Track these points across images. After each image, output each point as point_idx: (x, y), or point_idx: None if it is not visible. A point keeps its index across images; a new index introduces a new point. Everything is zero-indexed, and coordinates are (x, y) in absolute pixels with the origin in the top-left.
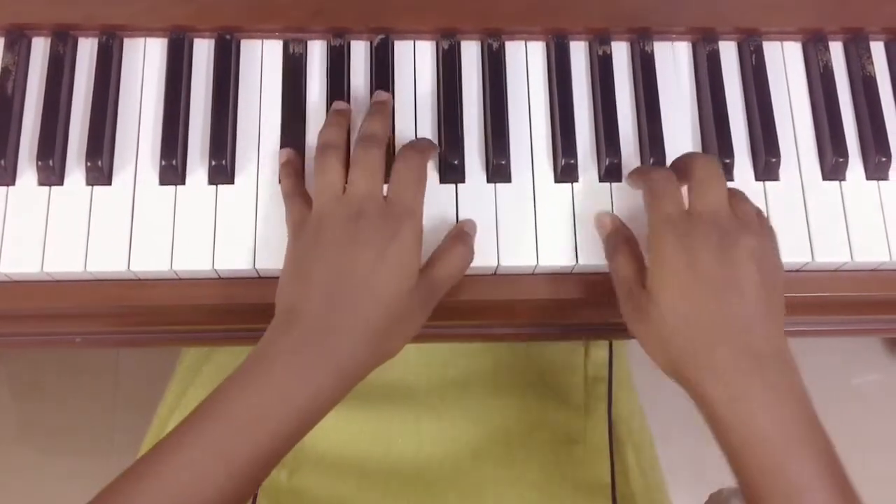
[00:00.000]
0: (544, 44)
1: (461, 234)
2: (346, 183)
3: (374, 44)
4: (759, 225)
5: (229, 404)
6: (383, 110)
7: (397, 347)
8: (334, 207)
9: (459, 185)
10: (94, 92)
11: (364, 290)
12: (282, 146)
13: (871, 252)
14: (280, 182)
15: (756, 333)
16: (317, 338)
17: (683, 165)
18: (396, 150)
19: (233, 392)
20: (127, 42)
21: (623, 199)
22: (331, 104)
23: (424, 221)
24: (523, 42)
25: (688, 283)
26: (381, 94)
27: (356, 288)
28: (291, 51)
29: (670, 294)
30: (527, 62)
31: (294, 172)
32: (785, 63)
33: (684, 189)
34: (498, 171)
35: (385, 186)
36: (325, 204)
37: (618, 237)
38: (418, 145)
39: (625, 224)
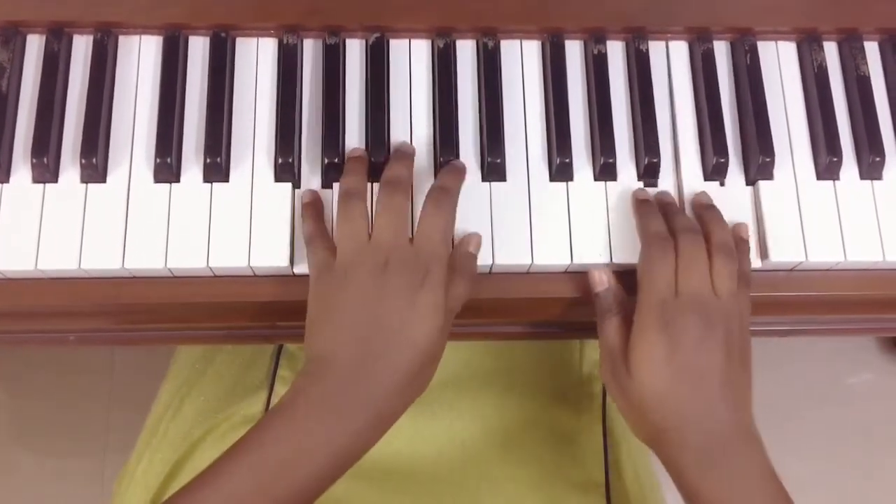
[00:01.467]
0: (539, 43)
1: (469, 257)
2: (372, 228)
3: (370, 42)
4: (735, 308)
5: (267, 446)
6: (407, 155)
7: (426, 386)
8: (361, 256)
9: None
10: (88, 89)
11: (397, 339)
12: (277, 145)
13: (865, 251)
14: (302, 222)
15: (724, 416)
16: (352, 386)
17: (672, 227)
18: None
19: (271, 435)
20: (122, 39)
21: (617, 198)
22: (326, 103)
23: None
24: (518, 41)
25: (665, 372)
26: (407, 146)
27: (389, 337)
28: (286, 49)
29: (648, 377)
30: (522, 61)
31: (315, 215)
32: (779, 63)
33: None
34: (493, 169)
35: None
36: (351, 252)
37: (610, 299)
38: (449, 184)
39: (618, 284)
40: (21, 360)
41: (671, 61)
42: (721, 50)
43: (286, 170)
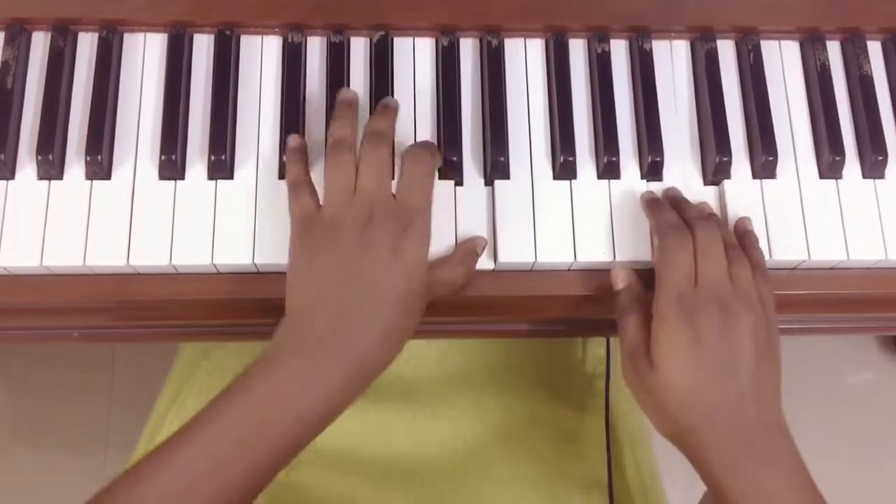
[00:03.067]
0: (543, 41)
1: (471, 254)
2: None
3: (374, 40)
4: (755, 295)
5: (247, 398)
6: (390, 109)
7: (403, 344)
8: (346, 206)
9: (458, 182)
10: (93, 86)
11: (378, 288)
12: (280, 142)
13: (868, 250)
14: (286, 168)
15: (752, 409)
16: (333, 337)
17: (686, 219)
18: (396, 147)
19: (251, 387)
20: (127, 37)
21: (621, 196)
22: (330, 101)
23: None
24: (522, 39)
25: (689, 362)
26: (389, 100)
27: (370, 287)
28: (291, 47)
29: (673, 370)
30: (526, 60)
31: (302, 160)
32: (782, 62)
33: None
34: (497, 167)
35: (394, 184)
36: (336, 202)
37: (631, 295)
38: (425, 144)
39: (639, 281)
40: (22, 358)
41: (675, 60)
42: (724, 49)
43: None
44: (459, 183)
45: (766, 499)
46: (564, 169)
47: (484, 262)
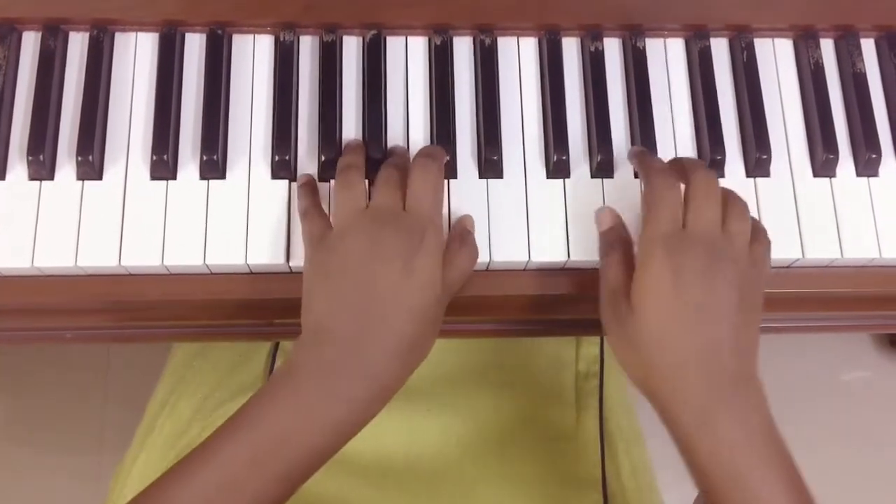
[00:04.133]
0: (536, 40)
1: (465, 234)
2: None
3: (367, 39)
4: (747, 248)
5: (263, 418)
6: (404, 156)
7: (424, 355)
8: (357, 221)
9: (451, 181)
10: (84, 86)
11: (394, 303)
12: (273, 142)
13: (861, 248)
14: (298, 199)
15: (727, 359)
16: (350, 356)
17: (684, 171)
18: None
19: (265, 408)
20: (118, 36)
21: (615, 194)
22: (322, 100)
23: None
24: (515, 38)
25: (669, 304)
26: (402, 149)
27: (386, 302)
28: (283, 46)
29: (651, 310)
30: (519, 58)
31: (313, 192)
32: (776, 60)
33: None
34: (490, 166)
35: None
36: (347, 217)
37: (615, 236)
38: (431, 151)
39: (624, 225)
40: (17, 358)
41: (668, 58)
42: (718, 47)
43: (283, 167)
44: (453, 176)
45: (731, 453)
46: (558, 167)
47: (478, 261)
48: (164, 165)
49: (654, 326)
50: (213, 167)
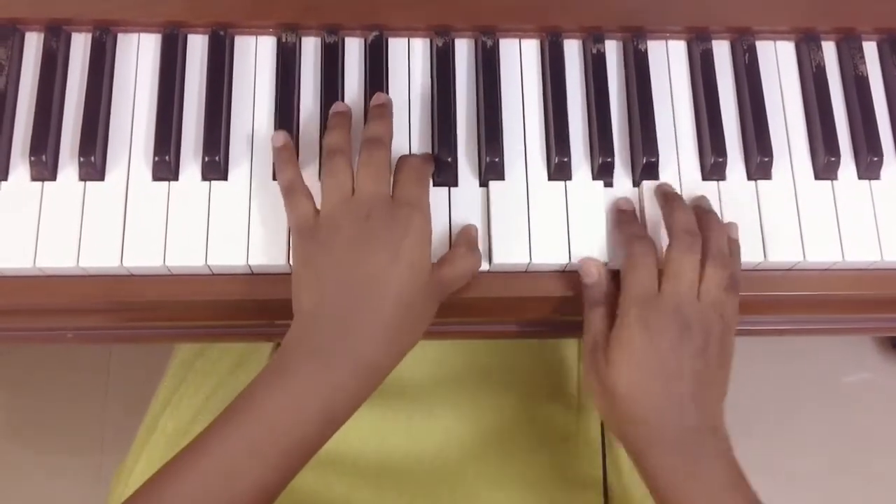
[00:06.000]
0: (538, 42)
1: (474, 244)
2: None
3: (368, 41)
4: (717, 315)
5: (257, 405)
6: (385, 113)
7: (413, 342)
8: (345, 209)
9: (452, 183)
10: (87, 87)
11: (380, 288)
12: None
13: (863, 251)
14: (277, 172)
15: (692, 413)
16: (338, 340)
17: (671, 222)
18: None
19: (260, 394)
20: (120, 37)
21: (615, 196)
22: (324, 101)
23: None
24: (517, 40)
25: (640, 362)
26: (381, 97)
27: (373, 287)
28: (285, 47)
29: (625, 366)
30: (520, 60)
31: (291, 160)
32: (778, 62)
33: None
34: (491, 168)
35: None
36: (335, 206)
37: (600, 291)
38: (418, 153)
39: (609, 278)
40: (18, 359)
41: (670, 61)
42: (720, 49)
43: None
44: (454, 184)
45: (692, 500)
46: (559, 170)
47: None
48: (165, 166)
49: (625, 380)
50: (215, 168)
